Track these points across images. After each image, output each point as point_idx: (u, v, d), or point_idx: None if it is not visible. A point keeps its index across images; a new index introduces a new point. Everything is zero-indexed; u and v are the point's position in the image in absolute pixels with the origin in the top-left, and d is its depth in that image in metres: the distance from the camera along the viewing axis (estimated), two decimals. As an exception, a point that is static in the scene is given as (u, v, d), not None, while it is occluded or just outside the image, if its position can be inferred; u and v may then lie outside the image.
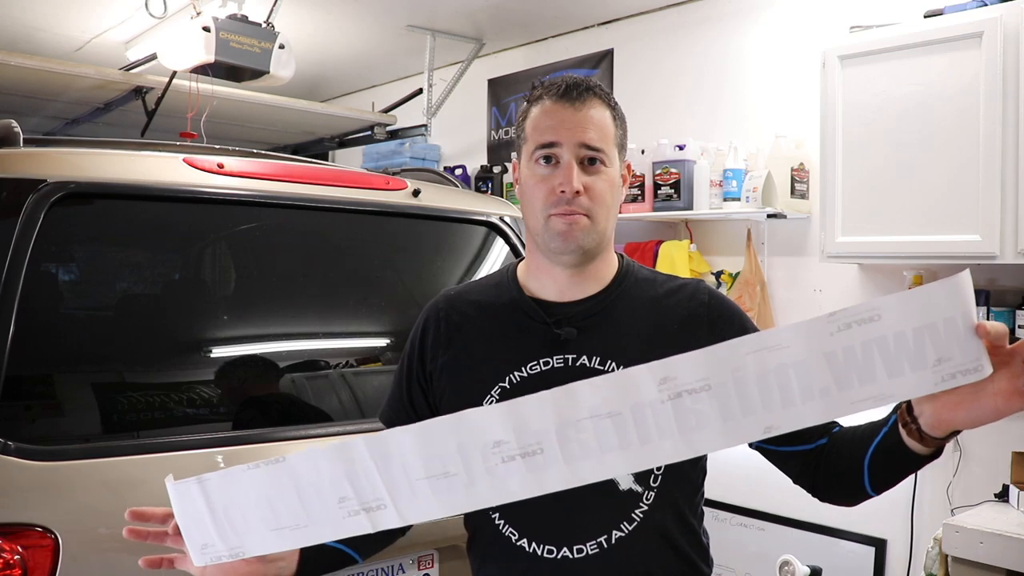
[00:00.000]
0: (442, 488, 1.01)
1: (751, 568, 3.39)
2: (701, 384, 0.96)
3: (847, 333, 0.94)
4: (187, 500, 1.11)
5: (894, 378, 0.93)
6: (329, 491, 1.05)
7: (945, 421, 1.01)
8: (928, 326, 0.92)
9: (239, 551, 1.11)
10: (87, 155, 1.82)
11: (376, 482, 1.03)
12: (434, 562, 1.91)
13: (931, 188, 2.66)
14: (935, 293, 0.93)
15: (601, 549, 1.21)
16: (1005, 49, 2.49)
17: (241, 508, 1.09)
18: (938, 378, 0.93)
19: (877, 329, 0.93)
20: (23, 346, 1.55)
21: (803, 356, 0.95)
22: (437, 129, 4.76)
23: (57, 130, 4.89)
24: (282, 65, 3.41)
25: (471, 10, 4.02)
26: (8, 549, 1.42)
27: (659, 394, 0.97)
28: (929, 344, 0.93)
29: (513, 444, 0.99)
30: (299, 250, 2.14)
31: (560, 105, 1.23)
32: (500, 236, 2.33)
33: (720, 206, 3.34)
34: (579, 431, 0.98)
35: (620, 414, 0.98)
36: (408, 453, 1.02)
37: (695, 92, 3.75)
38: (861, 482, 1.16)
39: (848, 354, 0.94)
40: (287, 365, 2.04)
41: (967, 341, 0.92)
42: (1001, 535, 2.31)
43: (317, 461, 1.05)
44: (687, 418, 0.97)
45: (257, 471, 1.08)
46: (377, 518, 1.04)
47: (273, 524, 1.08)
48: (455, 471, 1.01)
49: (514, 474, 1.00)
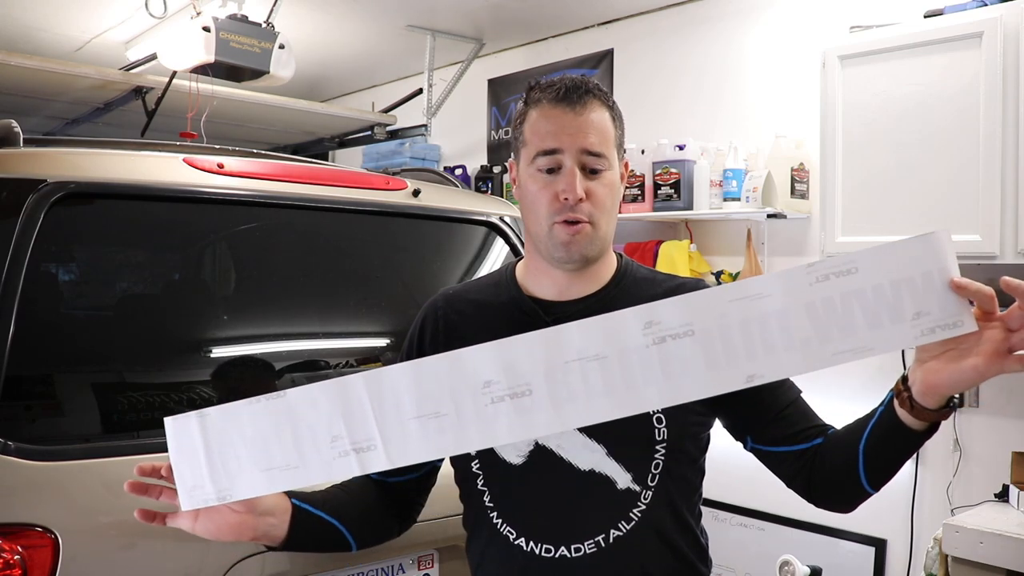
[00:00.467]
0: (431, 429, 1.04)
1: (751, 568, 3.39)
2: (685, 329, 0.99)
3: (825, 284, 0.96)
4: (184, 436, 1.13)
5: (874, 330, 0.96)
6: (323, 429, 1.07)
7: (932, 385, 1.02)
8: (906, 280, 0.95)
9: (227, 494, 1.13)
10: (87, 155, 1.82)
11: (369, 420, 1.06)
12: (434, 562, 1.91)
13: (931, 188, 2.66)
14: (911, 247, 0.95)
15: (599, 548, 1.22)
16: (1005, 49, 2.49)
17: (235, 446, 1.11)
18: (917, 332, 0.96)
19: (855, 281, 0.96)
20: (23, 346, 1.55)
21: (784, 305, 0.97)
22: (437, 129, 4.76)
23: (57, 130, 4.89)
24: (282, 65, 3.41)
25: (471, 10, 4.02)
26: (8, 549, 1.41)
27: (644, 338, 1.00)
28: (907, 298, 0.95)
29: (503, 384, 1.02)
30: (299, 250, 2.14)
31: (560, 109, 1.23)
32: (500, 236, 2.33)
33: (720, 206, 3.34)
34: (567, 373, 1.01)
35: (606, 357, 1.01)
36: (402, 391, 1.05)
37: (695, 92, 3.75)
38: (856, 474, 1.16)
39: (827, 305, 0.96)
40: (287, 365, 2.04)
41: (945, 296, 0.95)
42: (1001, 535, 2.31)
43: (315, 397, 1.08)
44: (672, 364, 1.00)
45: (257, 405, 1.11)
46: (366, 460, 1.07)
47: (264, 464, 1.10)
48: (445, 411, 1.03)
49: (502, 416, 1.03)
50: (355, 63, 5.00)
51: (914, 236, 0.96)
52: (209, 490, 1.13)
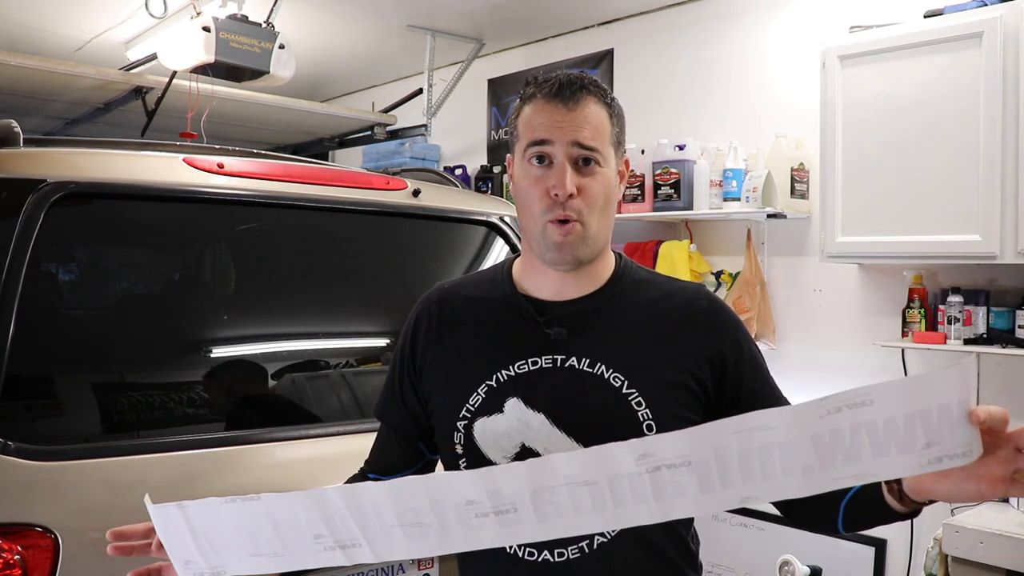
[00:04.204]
0: (416, 535, 1.03)
1: (751, 568, 3.39)
2: (681, 460, 0.95)
3: (837, 416, 0.92)
4: (168, 521, 1.13)
5: (879, 458, 0.92)
6: (305, 528, 1.06)
7: (927, 490, 0.99)
8: (921, 411, 0.90)
9: (220, 570, 1.13)
10: (87, 155, 1.82)
11: (351, 526, 1.04)
12: (434, 562, 1.91)
13: (931, 188, 2.66)
14: (936, 382, 0.90)
15: (583, 553, 1.20)
16: (1005, 49, 2.49)
17: (221, 534, 1.10)
18: (924, 461, 0.91)
19: (868, 414, 0.91)
20: (23, 346, 1.55)
21: (789, 437, 0.93)
22: (437, 129, 4.76)
23: (57, 130, 4.89)
24: (282, 65, 3.41)
25: (471, 10, 4.02)
26: (8, 549, 1.41)
27: (637, 468, 0.96)
28: (920, 429, 0.90)
29: (486, 504, 1.00)
30: (299, 250, 2.14)
31: (553, 104, 1.20)
32: (500, 236, 2.33)
33: (720, 206, 3.34)
34: (554, 495, 0.98)
35: (596, 483, 0.97)
36: (381, 505, 1.03)
37: (695, 92, 3.75)
38: (834, 521, 1.16)
39: (835, 436, 0.92)
40: (287, 365, 2.04)
41: (959, 426, 0.89)
42: (1001, 535, 2.31)
43: (292, 504, 1.06)
44: (664, 488, 0.96)
45: (233, 505, 1.08)
46: (353, 554, 1.06)
47: (252, 551, 1.09)
48: (428, 522, 1.02)
49: (487, 528, 1.01)
50: (355, 63, 5.00)
51: (942, 369, 0.90)
52: (202, 565, 1.13)
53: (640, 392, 1.20)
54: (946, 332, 2.71)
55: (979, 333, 2.68)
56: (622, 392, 1.20)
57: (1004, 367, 2.75)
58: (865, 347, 3.07)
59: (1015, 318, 2.66)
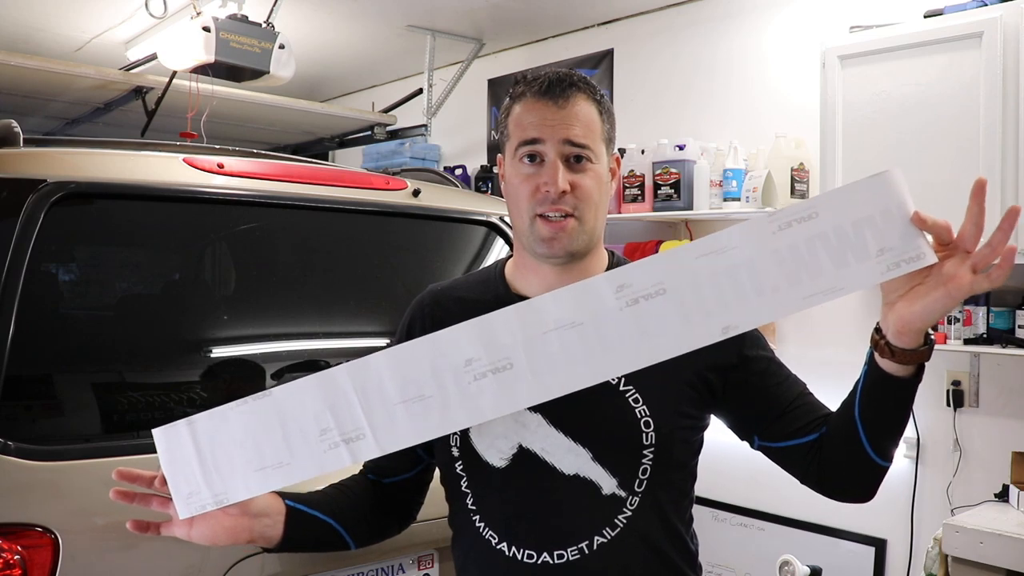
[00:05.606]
0: (417, 412, 1.06)
1: (751, 568, 3.39)
2: (656, 288, 1.01)
3: (788, 231, 0.99)
4: (175, 444, 1.14)
5: (841, 269, 0.98)
6: (311, 423, 1.09)
7: (905, 322, 1.03)
8: (866, 219, 0.98)
9: (223, 497, 1.14)
10: (87, 155, 1.82)
11: (356, 410, 1.08)
12: (434, 562, 1.91)
13: (931, 188, 2.66)
14: (867, 187, 0.98)
15: (583, 555, 1.19)
16: (1005, 49, 2.50)
17: (226, 448, 1.13)
18: (883, 267, 0.98)
19: (817, 225, 0.99)
20: (23, 346, 1.55)
21: (750, 255, 1.00)
22: (437, 129, 4.77)
23: (57, 130, 4.89)
24: (282, 65, 3.41)
25: (471, 10, 4.03)
26: (8, 549, 1.41)
27: (617, 301, 1.02)
28: (870, 236, 0.98)
29: (484, 360, 1.04)
30: (299, 250, 2.14)
31: (543, 102, 1.20)
32: (500, 236, 2.33)
33: (720, 206, 3.34)
34: (545, 344, 1.04)
35: (583, 324, 1.03)
36: (385, 377, 1.07)
37: (695, 92, 3.75)
38: (860, 445, 1.14)
39: (793, 251, 0.99)
40: (287, 365, 2.04)
41: (906, 231, 0.98)
42: (1001, 535, 2.31)
43: (301, 393, 1.10)
44: (647, 324, 1.02)
45: (244, 407, 1.13)
46: (356, 449, 1.09)
47: (257, 463, 1.12)
48: (430, 393, 1.05)
49: (486, 391, 1.05)
50: (355, 63, 5.00)
51: (869, 176, 0.99)
52: (205, 495, 1.14)
53: (637, 389, 1.21)
54: (946, 332, 2.71)
55: (979, 333, 2.68)
56: (619, 389, 1.21)
57: (1004, 367, 2.75)
58: (865, 347, 3.03)
59: (1015, 318, 2.66)
